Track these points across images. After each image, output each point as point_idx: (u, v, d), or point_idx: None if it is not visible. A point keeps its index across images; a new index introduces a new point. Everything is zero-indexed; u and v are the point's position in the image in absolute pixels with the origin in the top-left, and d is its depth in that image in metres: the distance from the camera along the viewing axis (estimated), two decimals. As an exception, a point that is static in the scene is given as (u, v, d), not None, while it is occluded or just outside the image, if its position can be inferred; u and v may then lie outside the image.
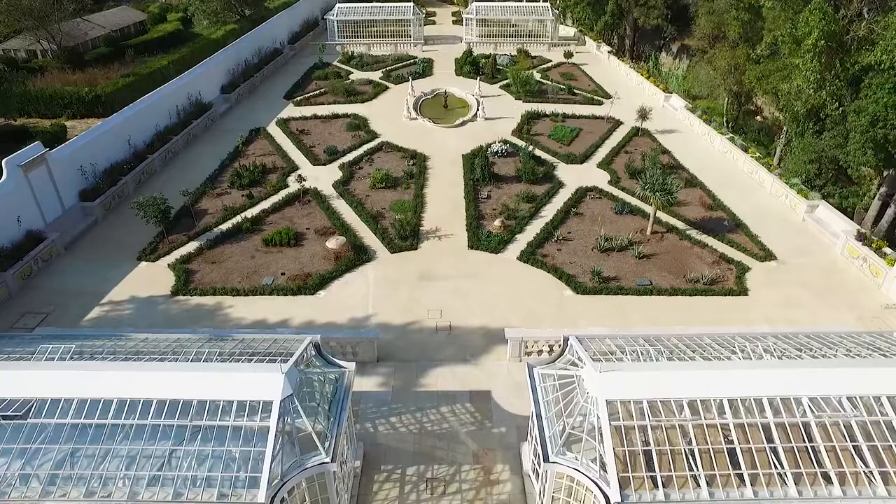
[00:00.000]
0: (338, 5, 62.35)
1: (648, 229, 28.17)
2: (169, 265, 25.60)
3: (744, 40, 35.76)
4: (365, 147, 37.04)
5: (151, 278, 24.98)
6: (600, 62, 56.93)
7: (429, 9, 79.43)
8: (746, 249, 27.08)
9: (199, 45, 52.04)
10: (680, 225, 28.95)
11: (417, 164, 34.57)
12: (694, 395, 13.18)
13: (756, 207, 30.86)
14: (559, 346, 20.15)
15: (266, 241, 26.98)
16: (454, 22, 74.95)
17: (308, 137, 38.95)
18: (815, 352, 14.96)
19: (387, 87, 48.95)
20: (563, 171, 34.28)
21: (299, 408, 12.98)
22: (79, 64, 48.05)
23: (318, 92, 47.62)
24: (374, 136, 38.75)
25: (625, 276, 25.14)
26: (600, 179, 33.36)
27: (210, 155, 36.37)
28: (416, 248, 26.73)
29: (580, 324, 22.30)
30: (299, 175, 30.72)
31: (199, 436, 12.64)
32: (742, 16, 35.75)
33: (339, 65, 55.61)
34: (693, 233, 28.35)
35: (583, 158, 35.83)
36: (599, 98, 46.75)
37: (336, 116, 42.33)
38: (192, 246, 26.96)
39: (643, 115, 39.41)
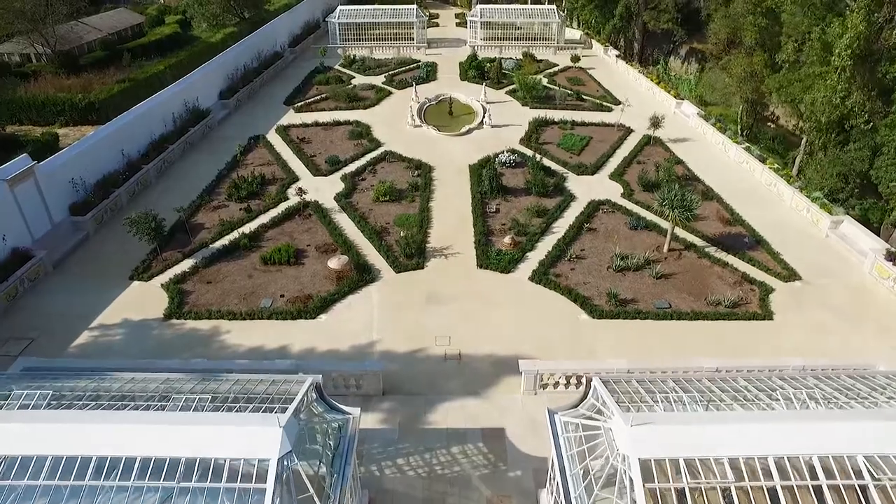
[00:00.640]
0: (339, 7, 61.06)
1: (665, 246, 26.86)
2: (162, 285, 24.32)
3: (760, 46, 34.44)
4: (368, 157, 35.75)
5: (144, 299, 23.71)
6: (608, 66, 55.62)
7: (432, 11, 78.13)
8: (769, 268, 25.78)
9: (198, 49, 50.77)
10: (698, 241, 27.65)
11: (422, 175, 33.28)
12: (736, 452, 11.89)
13: (776, 222, 29.56)
14: (576, 378, 18.97)
15: (265, 259, 25.71)
16: (458, 24, 73.61)
17: (309, 146, 37.67)
18: (865, 398, 13.66)
19: (390, 93, 47.65)
20: (574, 183, 32.98)
21: (299, 467, 11.70)
22: (74, 68, 46.76)
23: (319, 97, 46.34)
24: (378, 144, 37.47)
25: (642, 298, 23.85)
26: (613, 192, 32.06)
27: (207, 164, 35.09)
28: (422, 268, 25.44)
29: (597, 351, 21.02)
30: (300, 188, 29.45)
31: (188, 498, 11.37)
32: (759, 21, 34.43)
33: (340, 69, 54.33)
34: (712, 250, 27.05)
35: (594, 169, 34.53)
36: (609, 104, 45.44)
37: (338, 123, 41.04)
38: (187, 264, 25.68)
39: (655, 123, 38.11)
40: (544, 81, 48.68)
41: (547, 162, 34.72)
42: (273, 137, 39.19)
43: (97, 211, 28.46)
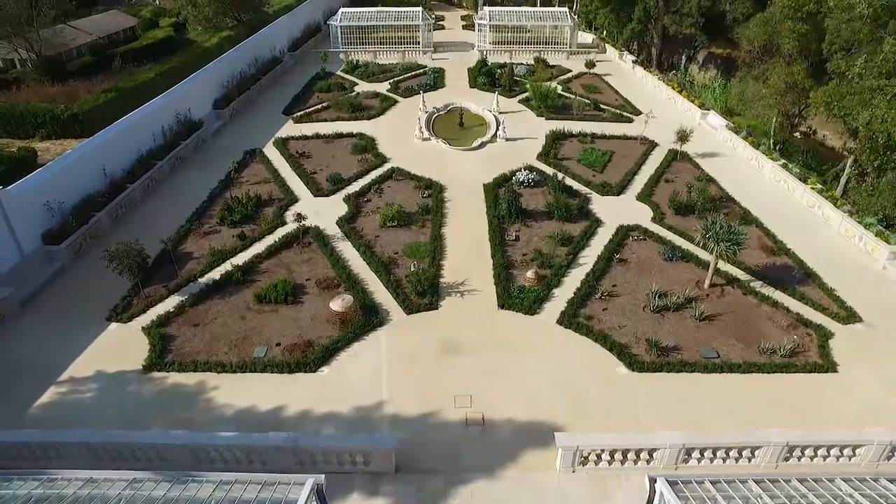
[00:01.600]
0: (341, 10, 58.25)
1: (707, 282, 24.05)
2: (144, 328, 21.52)
3: (800, 54, 31.63)
4: (373, 174, 32.92)
5: (122, 345, 20.91)
6: (624, 73, 52.76)
7: (437, 13, 75.29)
8: (824, 308, 22.96)
9: (192, 55, 48.00)
10: (741, 275, 24.84)
11: (433, 196, 30.45)
12: None
13: (824, 251, 26.74)
14: (622, 453, 16.18)
15: (259, 297, 22.90)
16: (464, 27, 70.82)
17: (309, 161, 34.86)
18: None
19: (395, 102, 44.83)
20: (599, 205, 30.15)
21: None
22: (60, 75, 43.99)
23: (320, 106, 43.53)
24: (383, 160, 34.64)
25: (686, 345, 21.03)
26: (642, 216, 29.23)
27: (199, 182, 32.28)
28: (435, 308, 22.61)
29: (641, 414, 18.22)
30: (298, 214, 26.61)
31: None
32: (798, 27, 31.60)
33: (343, 75, 51.51)
34: (757, 285, 24.24)
35: (619, 189, 31.70)
36: (629, 115, 42.60)
37: (340, 136, 38.22)
38: (172, 301, 22.89)
39: (683, 137, 35.27)
40: (559, 89, 45.82)
41: (568, 181, 31.87)
42: (270, 151, 36.37)
43: (74, 238, 25.67)
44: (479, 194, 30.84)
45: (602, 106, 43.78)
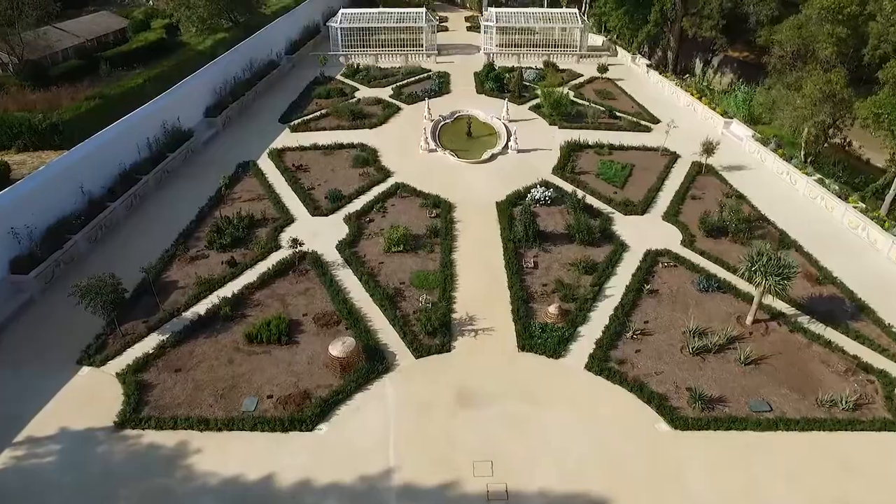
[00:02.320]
0: (341, 11, 55.75)
1: (749, 318, 21.55)
2: (118, 374, 19.00)
3: (839, 60, 29.16)
4: (376, 191, 30.39)
5: (93, 395, 18.40)
6: (638, 78, 50.28)
7: (440, 14, 72.76)
8: (883, 348, 20.46)
9: (184, 59, 45.39)
10: (785, 308, 22.36)
11: (442, 215, 27.94)
12: None
13: (875, 279, 24.26)
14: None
15: (250, 337, 20.37)
16: (468, 28, 68.35)
17: (306, 175, 32.34)
18: None
19: (398, 109, 42.31)
20: (623, 226, 27.65)
21: None
22: (42, 81, 41.37)
23: (318, 114, 41.01)
24: (387, 174, 32.11)
25: (732, 394, 18.55)
26: (670, 238, 26.74)
27: (187, 199, 29.77)
28: (448, 349, 20.09)
29: (690, 483, 15.72)
30: (294, 239, 24.06)
31: None
32: (838, 31, 29.12)
33: (342, 79, 48.99)
34: (805, 320, 21.76)
35: (644, 207, 29.20)
36: (646, 123, 40.13)
37: (340, 147, 35.69)
38: (152, 341, 20.39)
39: (708, 149, 32.79)
40: (570, 95, 43.31)
41: (588, 198, 29.37)
42: (265, 164, 33.85)
43: (45, 266, 23.12)
44: (492, 214, 28.32)
45: (618, 114, 41.29)
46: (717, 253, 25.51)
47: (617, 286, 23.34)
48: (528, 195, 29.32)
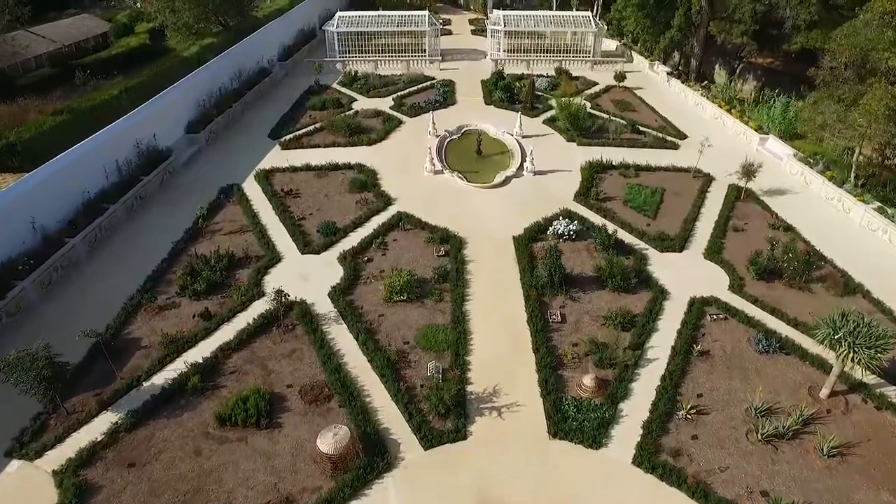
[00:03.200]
0: (338, 14, 52.00)
1: (825, 390, 17.91)
2: (55, 472, 15.36)
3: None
4: (375, 222, 26.73)
5: (21, 502, 14.76)
6: (657, 86, 46.62)
7: (443, 16, 69.01)
8: None
9: (166, 67, 41.65)
10: (867, 377, 18.68)
11: (451, 253, 24.27)
12: None
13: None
14: None
15: (222, 419, 16.74)
16: (473, 32, 64.68)
17: (297, 202, 28.68)
18: None
19: (399, 122, 38.63)
20: (660, 265, 24.01)
21: None
22: (9, 91, 37.72)
23: (312, 128, 37.32)
24: (387, 201, 28.44)
25: (819, 501, 14.89)
26: (716, 282, 23.10)
27: (161, 232, 26.14)
28: (463, 436, 16.42)
29: None
30: (279, 291, 20.39)
31: None
32: (899, 39, 25.53)
33: (339, 88, 45.31)
34: (892, 392, 18.11)
35: (681, 242, 25.54)
36: (673, 139, 36.49)
37: (335, 167, 32.02)
38: (103, 422, 16.77)
39: (749, 172, 29.17)
40: (588, 107, 39.62)
41: (618, 231, 25.76)
42: (251, 187, 30.18)
43: (-17, 323, 19.52)
44: (508, 251, 24.66)
45: (641, 128, 37.64)
46: (772, 301, 21.89)
47: (660, 346, 19.70)
48: (550, 228, 25.66)
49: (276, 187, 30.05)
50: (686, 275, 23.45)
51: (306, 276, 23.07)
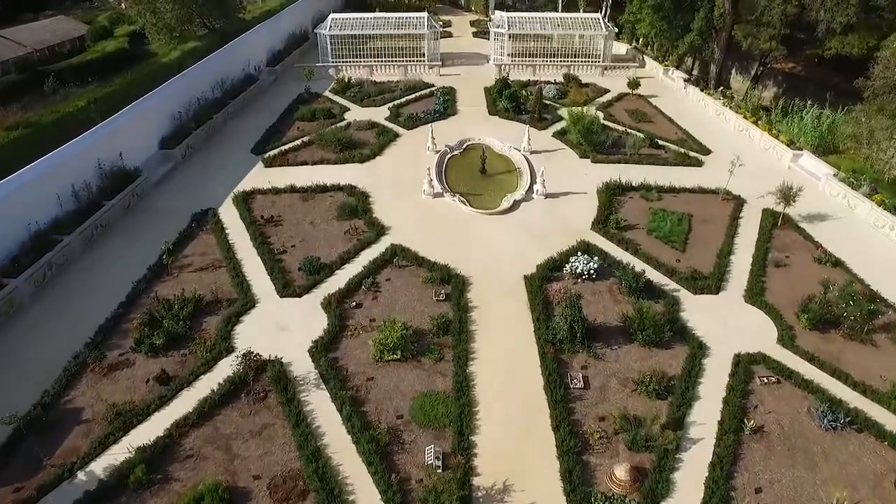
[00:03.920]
0: (331, 16, 48.67)
1: (911, 483, 14.63)
2: None
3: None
4: (365, 256, 23.41)
5: None
6: (674, 94, 43.28)
7: (442, 17, 65.71)
8: None
9: (143, 73, 38.39)
10: (955, 458, 15.42)
11: (453, 297, 20.96)
12: None
13: None
14: None
15: (167, 528, 13.47)
16: (475, 34, 61.31)
17: (278, 232, 25.39)
18: None
19: (395, 136, 35.34)
20: (694, 311, 20.70)
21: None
22: (-32, 101, 34.56)
23: (300, 142, 34.04)
24: (380, 231, 25.12)
25: None
26: (761, 332, 19.81)
27: (121, 266, 22.91)
28: (470, 554, 13.16)
29: None
30: (245, 354, 17.09)
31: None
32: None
33: (331, 96, 42.03)
34: None
35: (717, 281, 22.21)
36: (695, 155, 33.18)
37: (323, 189, 28.73)
38: (22, 529, 13.47)
39: (787, 196, 25.89)
40: (600, 117, 36.31)
41: (639, 263, 22.50)
42: (229, 213, 26.92)
43: None
44: (520, 295, 21.33)
45: (659, 141, 34.35)
46: (831, 357, 18.62)
47: (703, 419, 16.42)
48: (567, 266, 22.35)
49: (256, 213, 26.79)
50: (726, 323, 20.15)
51: (284, 326, 19.79)
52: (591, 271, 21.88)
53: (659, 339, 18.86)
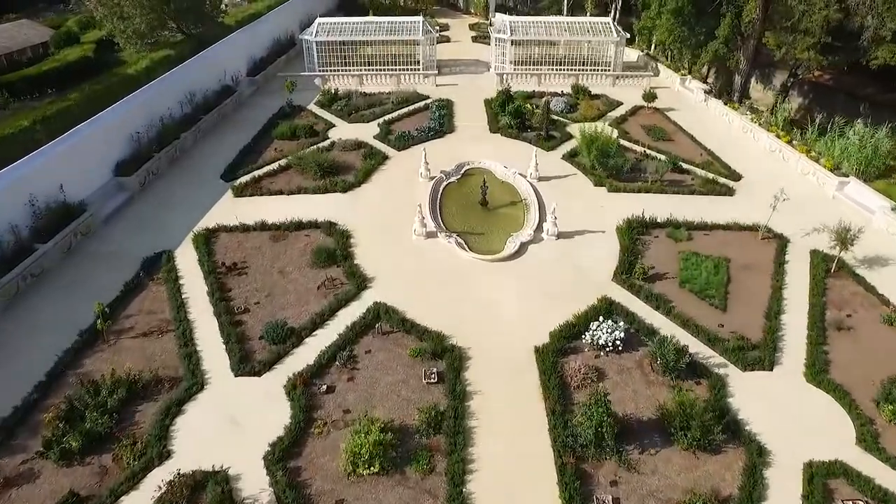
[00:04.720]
0: (318, 21, 44.57)
1: None
2: None
3: None
4: (342, 319, 19.35)
5: None
6: (693, 108, 39.27)
7: (439, 20, 61.65)
8: None
9: (102, 88, 34.22)
10: None
11: (448, 378, 16.94)
12: None
13: None
14: None
15: None
16: (474, 39, 57.18)
17: (241, 283, 21.39)
18: None
19: (385, 158, 31.33)
20: (745, 396, 16.71)
21: None
22: None
23: (276, 166, 30.06)
24: (362, 284, 21.07)
25: None
26: (834, 427, 15.84)
27: (48, 332, 18.93)
28: None
29: None
30: (172, 480, 13.11)
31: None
32: None
33: (316, 110, 38.04)
34: None
35: (770, 353, 18.19)
36: (725, 181, 29.19)
37: (298, 227, 24.73)
38: None
39: (844, 240, 21.91)
40: (615, 136, 32.26)
41: (672, 327, 18.53)
42: (186, 256, 22.93)
43: None
44: (530, 375, 17.31)
45: (683, 165, 30.37)
46: (924, 464, 14.64)
47: (777, 568, 12.44)
48: (587, 334, 18.32)
49: (218, 256, 22.85)
50: (787, 414, 16.18)
51: (236, 420, 15.82)
52: (616, 342, 17.86)
53: (707, 439, 14.87)
